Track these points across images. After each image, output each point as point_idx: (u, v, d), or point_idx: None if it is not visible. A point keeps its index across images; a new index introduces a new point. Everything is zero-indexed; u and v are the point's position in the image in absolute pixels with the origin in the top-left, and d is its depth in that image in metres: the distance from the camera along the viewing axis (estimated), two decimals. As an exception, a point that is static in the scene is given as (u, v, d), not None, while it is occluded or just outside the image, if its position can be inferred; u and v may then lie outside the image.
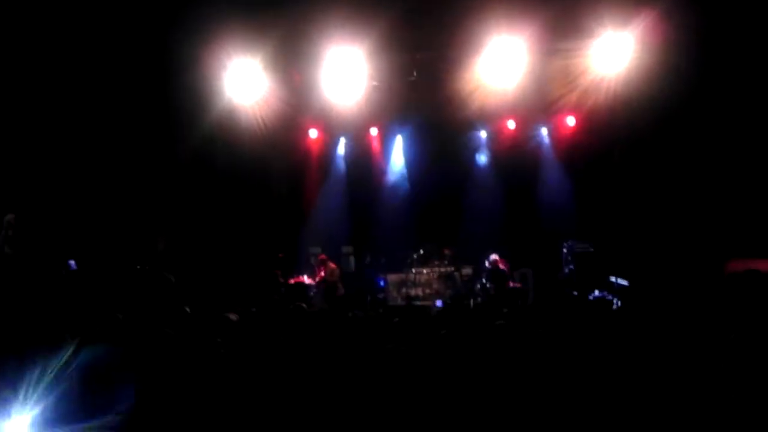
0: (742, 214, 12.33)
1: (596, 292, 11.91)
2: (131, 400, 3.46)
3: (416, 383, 3.84)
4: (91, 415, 3.38)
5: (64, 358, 3.50)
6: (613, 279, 11.92)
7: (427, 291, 13.99)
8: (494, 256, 13.11)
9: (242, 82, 12.80)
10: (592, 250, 13.33)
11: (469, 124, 14.64)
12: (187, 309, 6.62)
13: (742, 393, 3.49)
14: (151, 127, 12.63)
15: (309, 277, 13.88)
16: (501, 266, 13.01)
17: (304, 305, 7.12)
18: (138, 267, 11.14)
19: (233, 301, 9.23)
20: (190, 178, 13.69)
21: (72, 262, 9.66)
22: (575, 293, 12.25)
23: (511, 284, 12.96)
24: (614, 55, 12.08)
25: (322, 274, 13.71)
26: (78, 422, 3.33)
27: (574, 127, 14.81)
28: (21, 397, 3.26)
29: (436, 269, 14.19)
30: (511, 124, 15.18)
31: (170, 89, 12.60)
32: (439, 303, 12.14)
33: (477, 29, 11.79)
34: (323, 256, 14.00)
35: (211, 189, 14.01)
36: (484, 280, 13.25)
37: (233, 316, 6.02)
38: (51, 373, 3.41)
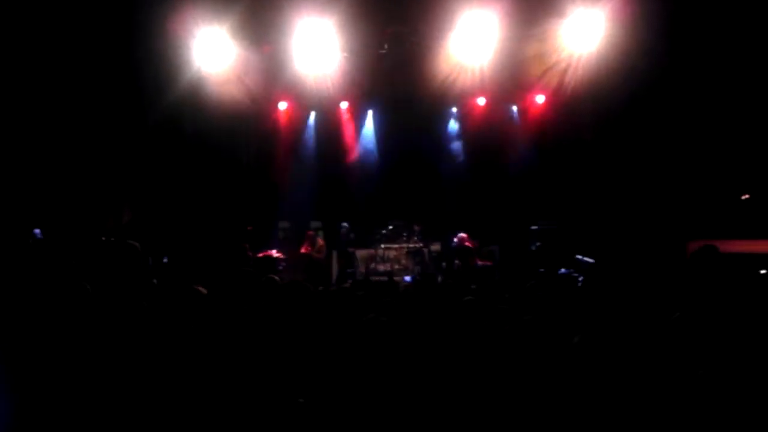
0: (707, 194, 12.59)
1: (562, 270, 12.06)
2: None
3: (389, 355, 3.86)
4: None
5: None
6: (579, 257, 12.08)
7: (396, 267, 14.04)
8: (461, 234, 13.21)
9: (211, 51, 12.58)
10: (557, 227, 13.50)
11: (439, 100, 14.57)
12: (155, 281, 6.57)
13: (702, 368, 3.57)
14: (118, 95, 12.40)
15: (277, 251, 13.81)
16: (467, 244, 13.11)
17: (276, 278, 7.10)
18: (103, 238, 11.01)
19: (201, 273, 9.15)
20: (158, 148, 13.50)
21: (37, 231, 9.51)
22: (542, 270, 12.39)
23: (479, 262, 13.06)
24: (585, 33, 12.11)
25: (309, 249, 13.67)
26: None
27: (544, 105, 14.86)
28: None
29: (405, 245, 14.23)
30: (481, 101, 15.18)
31: (138, 57, 12.36)
32: (407, 278, 12.20)
33: (449, 3, 11.73)
34: (311, 232, 13.99)
35: (179, 159, 13.84)
36: (451, 258, 13.34)
37: (202, 289, 5.98)
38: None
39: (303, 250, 13.81)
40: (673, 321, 4.23)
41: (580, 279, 10.80)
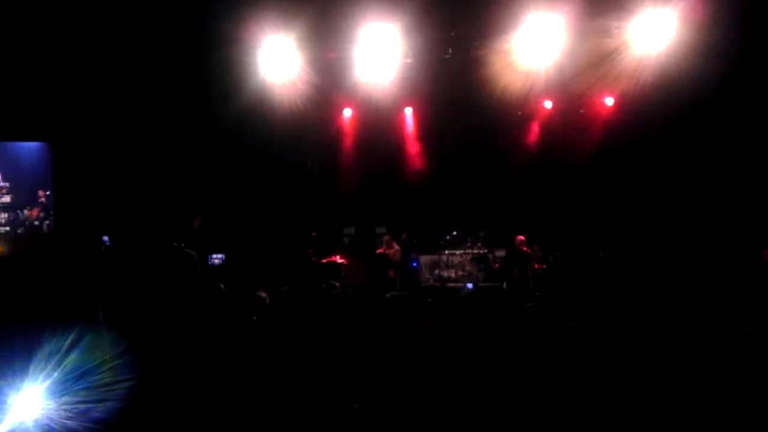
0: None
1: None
2: (146, 379, 3.48)
3: (443, 362, 3.82)
4: (96, 394, 3.41)
5: (75, 337, 3.54)
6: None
7: (460, 273, 13.94)
8: (519, 238, 13.00)
9: (276, 59, 12.77)
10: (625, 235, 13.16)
11: (504, 104, 14.40)
12: (222, 286, 6.72)
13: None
14: (186, 104, 12.73)
15: (341, 257, 13.91)
16: (524, 248, 12.90)
17: (336, 284, 7.15)
18: (174, 245, 11.33)
19: (265, 279, 9.31)
20: (224, 156, 13.80)
21: (106, 239, 9.82)
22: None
23: (536, 266, 12.83)
24: (655, 33, 11.73)
25: (385, 250, 13.75)
26: (82, 401, 3.36)
27: (612, 107, 14.50)
28: (33, 369, 3.30)
29: (469, 251, 14.12)
30: (548, 104, 14.93)
31: (205, 66, 12.67)
32: (469, 285, 12.07)
33: (513, 5, 11.57)
34: (388, 236, 14.02)
35: (245, 167, 14.11)
36: (508, 264, 13.17)
37: (264, 294, 6.08)
38: (60, 350, 3.45)
39: (380, 251, 13.82)
40: (744, 333, 4.05)
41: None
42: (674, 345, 4.23)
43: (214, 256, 12.24)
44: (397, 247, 13.92)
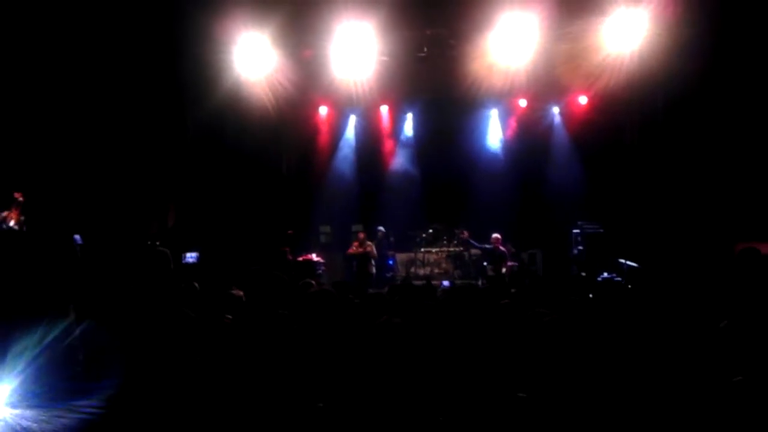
0: (754, 197, 12.21)
1: (605, 274, 11.86)
2: (119, 381, 3.44)
3: (410, 358, 3.82)
4: (77, 395, 3.36)
5: (57, 333, 3.49)
6: (622, 261, 11.85)
7: (436, 270, 13.98)
8: (495, 236, 13.08)
9: (252, 56, 12.70)
10: (601, 231, 13.25)
11: (480, 102, 14.47)
12: (196, 285, 6.66)
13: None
14: (160, 101, 12.60)
15: (317, 255, 13.87)
16: (500, 247, 12.98)
17: (312, 282, 7.12)
18: (147, 242, 11.21)
19: (241, 277, 9.24)
20: (199, 153, 13.69)
21: (77, 237, 9.67)
22: (583, 274, 12.20)
23: (509, 263, 12.91)
24: (627, 33, 11.86)
25: (359, 249, 13.65)
26: (57, 400, 3.30)
27: (586, 106, 14.65)
28: (5, 367, 3.25)
29: (445, 249, 14.16)
30: (522, 103, 15.05)
31: (179, 63, 12.55)
32: (445, 283, 12.11)
33: (488, 5, 11.64)
34: (363, 234, 13.89)
35: (220, 164, 14.01)
36: (484, 262, 13.26)
37: (239, 292, 6.04)
38: (32, 348, 3.39)
39: (351, 251, 13.76)
40: (720, 329, 4.11)
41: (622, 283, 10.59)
42: (648, 340, 4.27)
43: (188, 254, 12.11)
44: (371, 244, 13.88)
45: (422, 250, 14.26)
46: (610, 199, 13.82)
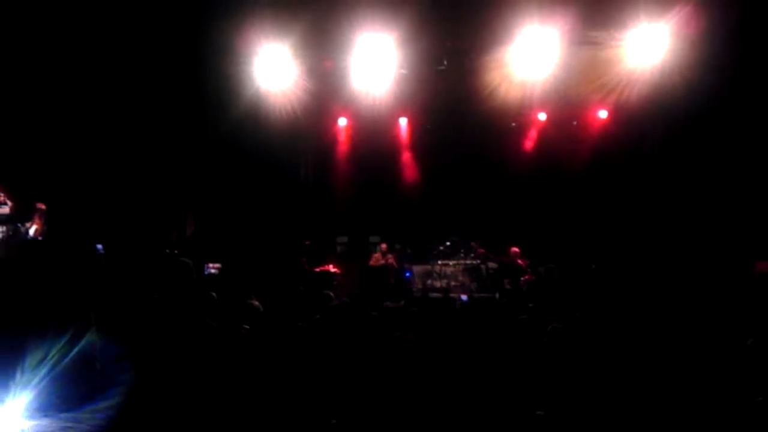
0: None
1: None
2: (126, 390, 3.45)
3: (424, 374, 3.81)
4: (86, 402, 3.37)
5: (78, 343, 3.51)
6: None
7: (452, 283, 13.91)
8: (514, 250, 13.04)
9: (272, 68, 12.78)
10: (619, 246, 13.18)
11: (499, 115, 14.46)
12: (214, 294, 6.69)
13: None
14: (182, 111, 12.71)
15: (334, 266, 13.89)
16: (518, 261, 12.91)
17: (331, 294, 7.15)
18: (167, 251, 11.28)
19: (259, 287, 9.27)
20: (220, 164, 13.79)
21: (100, 246, 9.74)
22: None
23: (527, 277, 12.84)
24: (649, 48, 11.82)
25: (380, 261, 13.75)
26: (72, 410, 3.31)
27: (606, 119, 14.59)
28: (16, 381, 3.26)
29: (462, 262, 14.10)
30: (541, 116, 15.01)
31: (201, 74, 12.66)
32: (464, 297, 12.03)
33: (509, 18, 11.62)
34: (385, 245, 14.06)
35: (240, 174, 14.09)
36: (501, 276, 13.18)
37: (256, 303, 6.07)
38: (50, 358, 3.41)
39: (373, 262, 13.80)
40: (748, 347, 4.07)
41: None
42: (668, 355, 4.24)
43: (211, 265, 12.17)
44: (391, 256, 13.94)
45: (439, 262, 14.19)
46: (631, 213, 13.73)
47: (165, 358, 3.98)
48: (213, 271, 12.07)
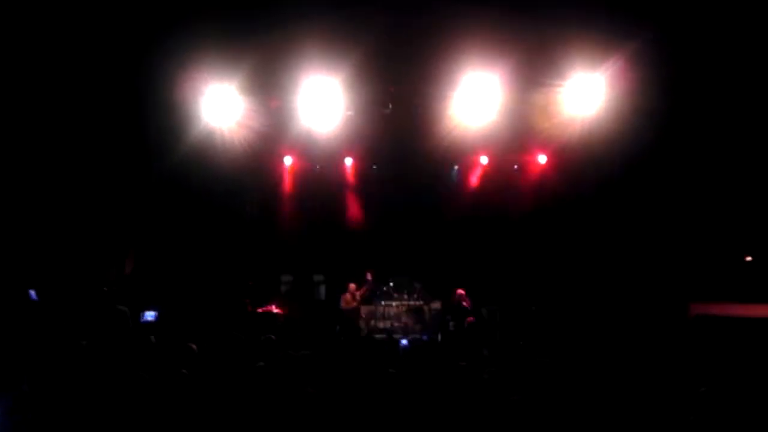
0: (707, 256, 12.57)
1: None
2: None
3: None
4: None
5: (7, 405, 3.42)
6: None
7: (396, 324, 13.89)
8: (459, 292, 13.15)
9: (219, 105, 12.73)
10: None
11: (442, 158, 14.74)
12: (152, 338, 6.57)
13: None
14: (124, 146, 12.54)
15: (277, 306, 13.73)
16: (464, 303, 13.02)
17: (273, 337, 7.07)
18: (105, 289, 11.00)
19: (199, 329, 9.12)
20: (163, 200, 13.61)
21: (32, 292, 9.37)
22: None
23: (469, 319, 12.94)
24: (586, 97, 12.23)
25: (352, 303, 13.58)
26: None
27: (545, 165, 15.02)
28: None
29: (406, 303, 14.12)
30: (484, 160, 15.35)
31: (146, 111, 12.55)
32: (404, 342, 11.95)
33: (452, 64, 11.90)
34: (354, 285, 13.78)
35: (183, 211, 13.92)
36: (448, 316, 13.27)
37: (194, 346, 5.98)
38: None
39: (344, 305, 13.62)
40: (700, 395, 4.19)
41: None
42: (606, 395, 4.33)
43: (147, 312, 11.82)
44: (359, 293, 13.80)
45: (383, 303, 14.18)
46: (569, 256, 14.06)
47: (89, 407, 3.89)
48: (149, 318, 11.74)
